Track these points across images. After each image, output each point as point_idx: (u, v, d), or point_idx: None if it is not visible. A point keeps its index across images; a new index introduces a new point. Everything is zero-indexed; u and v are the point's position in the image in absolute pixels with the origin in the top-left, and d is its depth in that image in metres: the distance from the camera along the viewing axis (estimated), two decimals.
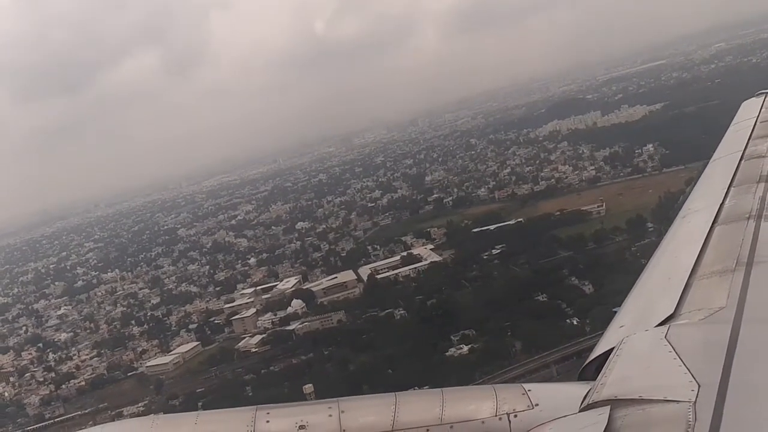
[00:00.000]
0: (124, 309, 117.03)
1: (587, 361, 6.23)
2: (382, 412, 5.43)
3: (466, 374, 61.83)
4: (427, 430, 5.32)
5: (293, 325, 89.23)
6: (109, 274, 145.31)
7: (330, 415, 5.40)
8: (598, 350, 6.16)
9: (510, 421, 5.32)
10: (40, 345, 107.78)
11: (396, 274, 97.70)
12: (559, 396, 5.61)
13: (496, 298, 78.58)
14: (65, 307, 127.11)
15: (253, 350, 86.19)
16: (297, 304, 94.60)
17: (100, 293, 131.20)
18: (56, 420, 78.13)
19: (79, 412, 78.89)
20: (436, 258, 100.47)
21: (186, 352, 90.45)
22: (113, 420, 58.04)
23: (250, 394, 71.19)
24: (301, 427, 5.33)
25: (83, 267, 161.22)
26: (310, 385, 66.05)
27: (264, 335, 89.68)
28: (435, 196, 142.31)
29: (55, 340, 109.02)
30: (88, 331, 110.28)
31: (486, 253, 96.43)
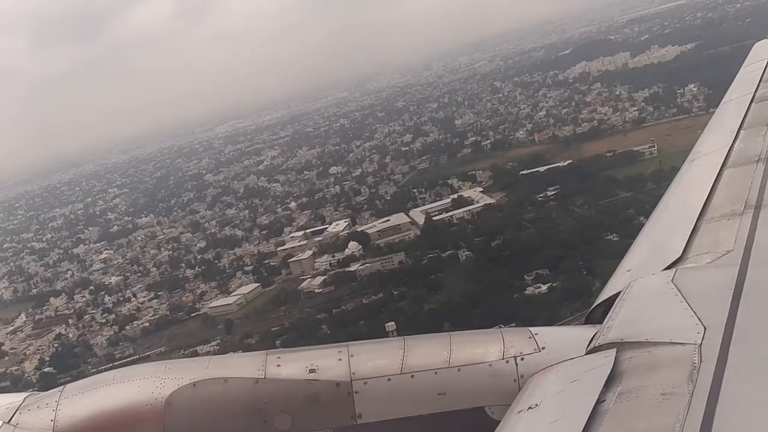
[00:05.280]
0: (170, 253, 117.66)
1: (594, 305, 6.27)
2: (391, 356, 5.52)
3: (554, 312, 62.92)
4: (435, 372, 5.40)
5: (354, 267, 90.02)
6: (143, 219, 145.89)
7: (340, 359, 5.51)
8: (605, 294, 6.19)
9: (517, 364, 5.40)
10: (92, 288, 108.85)
11: (450, 216, 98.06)
12: (565, 339, 5.68)
13: (563, 239, 79.04)
14: (107, 252, 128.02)
15: (317, 291, 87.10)
16: (354, 246, 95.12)
17: (139, 238, 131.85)
18: (131, 359, 79.23)
19: (153, 351, 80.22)
20: (488, 200, 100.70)
21: (248, 293, 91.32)
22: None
23: (328, 332, 72.13)
24: (312, 370, 5.45)
25: (113, 212, 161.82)
26: (392, 323, 66.88)
27: (325, 276, 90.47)
28: (471, 139, 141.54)
29: (106, 283, 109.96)
30: (138, 274, 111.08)
31: (540, 195, 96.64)
